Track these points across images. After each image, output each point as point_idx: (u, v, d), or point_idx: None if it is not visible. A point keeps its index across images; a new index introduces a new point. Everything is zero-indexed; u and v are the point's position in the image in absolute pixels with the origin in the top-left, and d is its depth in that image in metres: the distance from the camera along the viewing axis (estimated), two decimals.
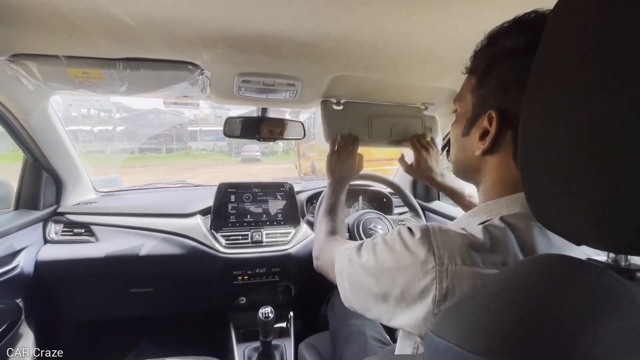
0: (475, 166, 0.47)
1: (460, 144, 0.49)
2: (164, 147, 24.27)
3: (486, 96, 0.43)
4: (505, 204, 0.42)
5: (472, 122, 0.46)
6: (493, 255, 0.37)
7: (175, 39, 0.71)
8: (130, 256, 1.15)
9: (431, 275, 0.36)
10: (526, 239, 0.38)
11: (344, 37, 0.71)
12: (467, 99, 0.47)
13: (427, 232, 0.40)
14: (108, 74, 0.78)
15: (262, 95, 0.98)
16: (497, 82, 0.41)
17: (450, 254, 0.37)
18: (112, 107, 26.56)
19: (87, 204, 1.26)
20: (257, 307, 1.31)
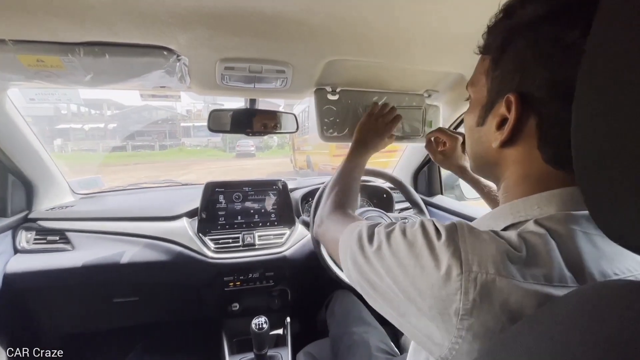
0: (494, 160, 0.41)
1: (475, 135, 0.43)
2: (157, 144, 23.95)
3: (503, 78, 0.37)
4: (535, 204, 0.35)
5: (487, 110, 0.40)
6: (533, 268, 0.30)
7: (144, 20, 0.61)
8: (110, 264, 1.05)
9: (455, 285, 0.30)
10: (570, 248, 0.31)
11: (339, 15, 0.61)
12: (480, 83, 0.41)
13: (453, 233, 0.33)
14: (67, 61, 0.68)
15: (249, 84, 0.88)
16: (516, 60, 0.35)
17: (480, 260, 0.30)
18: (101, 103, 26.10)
19: (62, 209, 1.16)
20: (252, 313, 1.23)
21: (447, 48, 0.75)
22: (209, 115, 1.00)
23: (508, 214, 0.37)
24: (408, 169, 1.52)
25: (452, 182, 1.57)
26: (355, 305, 1.14)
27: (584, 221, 0.33)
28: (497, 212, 0.39)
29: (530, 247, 0.31)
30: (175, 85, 0.86)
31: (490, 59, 0.39)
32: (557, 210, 0.34)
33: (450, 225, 0.34)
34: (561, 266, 0.30)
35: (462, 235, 0.32)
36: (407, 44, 0.73)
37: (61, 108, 24.12)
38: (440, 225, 0.35)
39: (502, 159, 0.39)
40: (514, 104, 0.35)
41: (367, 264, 0.39)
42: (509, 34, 0.36)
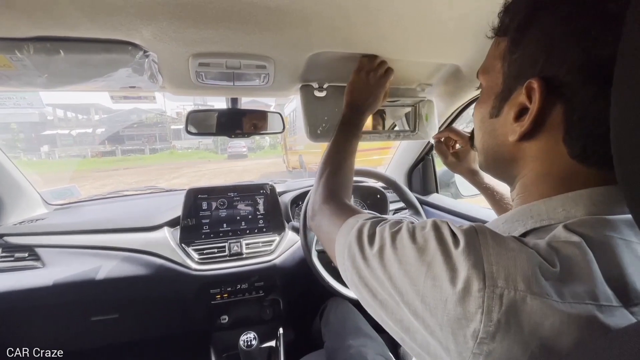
0: (510, 156, 0.35)
1: (488, 127, 0.38)
2: (147, 148, 23.61)
3: (523, 61, 0.32)
4: (560, 205, 0.30)
5: (503, 99, 0.35)
6: (572, 285, 0.24)
7: (99, 9, 0.53)
8: (85, 281, 0.97)
9: (475, 302, 0.25)
10: (610, 259, 0.26)
11: (323, 4, 0.55)
12: (495, 69, 0.36)
13: (473, 239, 0.28)
14: (16, 59, 0.60)
15: (227, 82, 0.81)
16: (540, 40, 0.30)
17: (508, 274, 0.25)
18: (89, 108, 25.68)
19: (32, 222, 1.07)
20: (242, 325, 1.16)
21: (441, 37, 0.68)
22: (186, 118, 0.92)
23: (527, 218, 0.32)
24: (401, 167, 1.46)
25: (447, 179, 1.52)
26: (351, 314, 1.07)
27: (622, 227, 0.28)
28: (514, 215, 0.34)
29: (566, 258, 0.26)
30: (147, 85, 0.79)
31: (508, 40, 0.34)
32: (586, 213, 0.29)
33: (469, 230, 0.28)
34: (602, 281, 0.25)
35: (485, 243, 0.27)
36: (397, 34, 0.67)
37: (47, 114, 23.65)
38: (457, 228, 0.30)
39: (520, 155, 0.34)
40: (538, 90, 0.29)
41: (367, 268, 0.34)
42: (533, 10, 0.31)
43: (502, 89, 0.35)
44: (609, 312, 0.24)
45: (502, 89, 0.35)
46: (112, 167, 15.40)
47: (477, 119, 0.40)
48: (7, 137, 17.30)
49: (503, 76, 0.35)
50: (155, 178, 10.40)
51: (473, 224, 0.30)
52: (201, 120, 0.98)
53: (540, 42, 0.30)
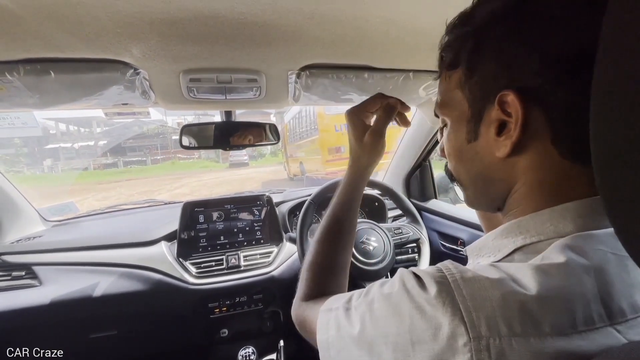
0: (500, 174, 0.34)
1: (469, 154, 0.36)
2: (149, 159, 23.72)
3: (485, 81, 0.32)
4: (548, 220, 0.30)
5: (477, 121, 0.34)
6: (553, 313, 0.23)
7: (86, 30, 0.54)
8: (82, 298, 0.96)
9: (464, 357, 0.23)
10: (604, 277, 0.26)
11: (310, 16, 0.54)
12: (455, 100, 0.36)
13: (445, 285, 0.26)
14: (6, 82, 0.60)
15: (219, 95, 0.81)
16: (496, 56, 0.31)
17: (488, 318, 0.23)
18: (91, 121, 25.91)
19: (29, 240, 1.07)
20: (242, 338, 1.15)
21: (429, 46, 0.68)
22: (180, 132, 0.92)
23: (517, 234, 0.31)
24: (399, 173, 1.46)
25: (445, 184, 1.51)
26: None
27: (611, 240, 0.27)
28: (504, 231, 0.33)
29: (546, 283, 0.24)
30: (139, 101, 0.79)
31: (461, 69, 0.34)
32: (575, 227, 0.28)
33: (437, 273, 0.27)
34: (587, 303, 0.24)
35: (457, 287, 0.25)
36: (387, 43, 0.67)
37: (49, 128, 23.86)
38: (423, 273, 0.28)
39: (510, 170, 0.33)
40: (516, 98, 0.29)
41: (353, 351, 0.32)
42: (480, 33, 0.32)
43: (471, 113, 0.34)
44: (591, 335, 0.23)
45: (471, 113, 0.34)
46: (114, 179, 15.47)
47: (453, 152, 0.38)
48: (10, 152, 17.47)
49: (468, 102, 0.34)
50: (157, 189, 10.42)
51: (439, 265, 0.29)
52: (196, 133, 0.98)
53: (497, 58, 0.31)
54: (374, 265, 0.97)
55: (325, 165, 5.99)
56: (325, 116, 5.88)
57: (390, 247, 1.02)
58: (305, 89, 0.80)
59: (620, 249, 0.27)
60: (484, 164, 0.35)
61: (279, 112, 9.34)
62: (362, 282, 0.97)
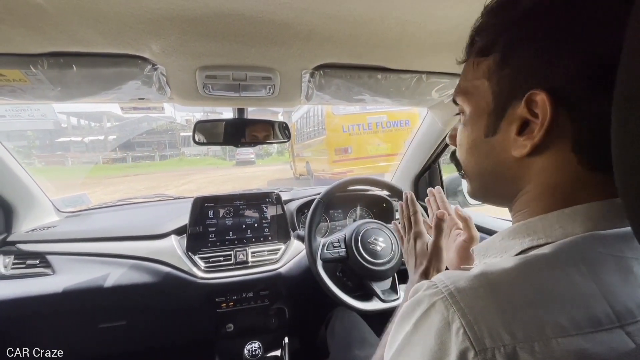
0: (512, 173, 0.33)
1: (484, 148, 0.35)
2: (157, 154, 23.97)
3: (517, 76, 0.30)
4: (556, 222, 0.29)
5: (498, 116, 0.32)
6: (554, 314, 0.23)
7: (110, 26, 0.55)
8: (93, 288, 0.98)
9: None
10: (604, 279, 0.25)
11: (326, 16, 0.55)
12: (480, 89, 0.34)
13: (439, 299, 0.26)
14: (31, 74, 0.62)
15: (233, 93, 0.82)
16: (535, 53, 0.29)
17: (490, 328, 0.23)
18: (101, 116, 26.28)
19: (43, 230, 1.10)
20: (247, 333, 1.16)
21: (443, 47, 0.68)
22: (193, 128, 0.94)
23: (524, 236, 0.31)
24: (408, 175, 1.45)
25: (454, 187, 1.51)
26: (356, 325, 1.06)
27: (615, 242, 0.27)
28: (512, 232, 0.33)
29: (544, 285, 0.25)
30: (155, 96, 0.81)
31: (493, 58, 0.32)
32: (584, 229, 0.28)
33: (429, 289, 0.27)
34: (589, 305, 0.24)
35: (453, 299, 0.25)
36: (402, 45, 0.67)
37: (61, 121, 24.26)
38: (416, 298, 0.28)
39: (523, 170, 0.32)
40: (547, 101, 0.28)
41: None
42: (521, 23, 0.30)
43: (494, 107, 0.33)
44: (599, 337, 0.23)
45: (494, 107, 0.33)
46: (122, 173, 15.66)
47: (466, 142, 0.37)
48: (23, 144, 17.82)
49: (493, 94, 0.33)
50: (165, 184, 10.53)
51: (433, 279, 0.29)
52: (208, 129, 0.99)
53: (536, 52, 0.29)
54: (382, 265, 0.97)
55: (331, 166, 5.98)
56: (333, 116, 5.87)
57: (397, 248, 1.02)
58: (318, 88, 0.81)
59: (624, 251, 0.27)
60: (497, 160, 0.34)
61: (286, 111, 9.36)
62: (370, 281, 0.97)
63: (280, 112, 12.49)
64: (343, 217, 1.36)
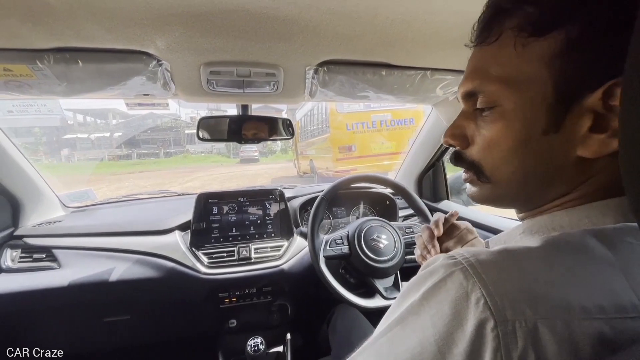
0: (571, 174, 0.29)
1: (536, 148, 0.30)
2: (162, 152, 24.12)
3: (595, 62, 0.26)
4: (585, 216, 0.28)
5: (563, 109, 0.28)
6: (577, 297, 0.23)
7: (115, 21, 0.56)
8: (98, 283, 1.00)
9: (493, 343, 0.22)
10: (632, 269, 0.25)
11: (330, 13, 0.55)
12: (532, 77, 0.28)
13: (459, 269, 0.25)
14: (37, 70, 0.62)
15: (237, 89, 0.82)
16: (618, 35, 0.24)
17: (513, 301, 0.22)
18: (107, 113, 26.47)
19: (50, 224, 1.11)
20: (250, 329, 1.16)
21: (448, 44, 0.68)
22: (197, 124, 0.94)
23: (549, 229, 0.30)
24: (412, 173, 1.45)
25: (458, 186, 1.50)
26: (357, 322, 1.07)
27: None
28: (533, 225, 0.31)
29: (568, 266, 0.24)
30: (160, 92, 0.81)
31: (559, 38, 0.27)
32: (614, 222, 0.27)
33: (450, 261, 0.26)
34: (615, 291, 0.23)
35: (475, 271, 0.24)
36: (405, 41, 0.66)
37: (67, 118, 24.48)
38: (437, 267, 0.27)
39: (583, 171, 0.29)
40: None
41: None
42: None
43: (556, 99, 0.28)
44: (623, 324, 0.22)
45: (556, 99, 0.28)
46: (127, 170, 15.78)
47: (509, 142, 0.31)
48: (30, 141, 18.02)
49: (554, 83, 0.28)
50: (169, 181, 10.60)
51: (456, 252, 0.27)
52: (212, 126, 0.99)
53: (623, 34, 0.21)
54: (384, 262, 0.97)
55: (335, 164, 5.98)
56: (337, 114, 5.86)
57: (400, 245, 1.02)
58: (322, 85, 0.81)
59: None
60: (554, 161, 0.29)
61: (290, 109, 9.36)
62: (372, 279, 0.97)
63: (284, 110, 12.51)
64: (346, 214, 1.36)
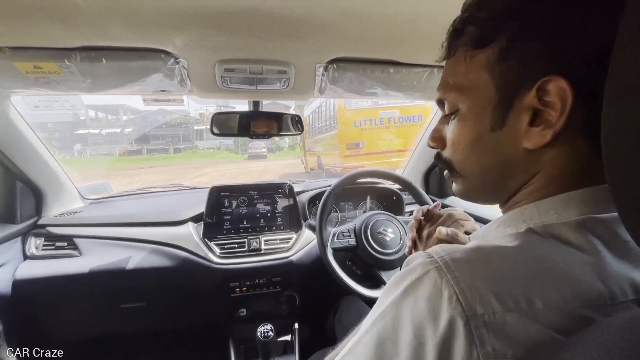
0: (523, 166, 0.32)
1: (489, 143, 0.33)
2: (171, 147, 24.44)
3: (524, 64, 0.29)
4: (552, 208, 0.30)
5: (505, 108, 0.31)
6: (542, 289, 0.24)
7: (138, 22, 0.59)
8: (116, 270, 1.05)
9: (464, 338, 0.24)
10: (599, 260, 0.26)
11: (340, 12, 0.58)
12: (479, 83, 0.32)
13: (434, 267, 0.27)
14: (64, 67, 0.67)
15: (250, 86, 0.85)
16: (543, 39, 0.28)
17: (482, 297, 0.24)
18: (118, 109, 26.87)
19: (71, 214, 1.17)
20: (259, 318, 1.21)
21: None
22: (211, 119, 0.98)
23: (520, 222, 0.31)
24: (419, 169, 1.47)
25: None
26: (363, 313, 1.09)
27: (613, 225, 0.28)
28: (507, 219, 0.33)
29: (536, 260, 0.26)
30: (176, 89, 0.85)
31: (494, 48, 0.31)
32: (578, 214, 0.28)
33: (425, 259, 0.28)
34: (578, 281, 0.25)
35: (447, 267, 0.26)
36: (413, 39, 0.69)
37: (80, 114, 24.94)
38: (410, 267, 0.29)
39: (534, 161, 0.31)
40: (565, 86, 0.27)
41: None
42: (526, 9, 0.29)
43: (499, 99, 0.31)
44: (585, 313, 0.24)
45: (499, 99, 0.31)
46: (138, 165, 16.05)
47: (465, 140, 0.35)
48: (44, 136, 18.42)
49: (496, 86, 0.31)
50: (179, 177, 10.75)
51: (427, 250, 0.29)
52: (224, 121, 1.03)
53: (544, 39, 0.28)
54: (390, 255, 1.00)
55: (343, 160, 5.99)
56: (346, 111, 5.86)
57: (406, 238, 1.05)
58: (331, 82, 0.83)
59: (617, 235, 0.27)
60: (505, 154, 0.33)
61: (298, 105, 9.39)
62: (378, 270, 1.00)
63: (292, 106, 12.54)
64: (354, 208, 1.39)
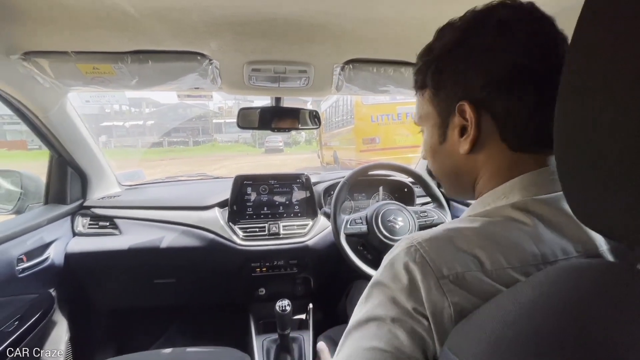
0: (466, 167, 0.43)
1: (442, 152, 0.45)
2: (191, 140, 25.07)
3: (447, 97, 0.41)
4: (502, 194, 0.39)
5: (444, 126, 0.43)
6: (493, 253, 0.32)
7: (181, 28, 0.69)
8: (151, 248, 1.17)
9: (438, 291, 0.31)
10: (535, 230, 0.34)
11: (357, 17, 0.66)
12: (428, 111, 0.45)
13: (412, 247, 0.34)
14: (117, 68, 0.78)
15: (273, 84, 0.95)
16: (453, 79, 0.40)
17: (447, 262, 0.32)
18: (141, 102, 27.67)
19: (111, 198, 1.30)
20: (277, 298, 1.31)
21: None
22: (238, 114, 1.08)
23: (479, 207, 0.41)
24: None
25: None
26: None
27: (554, 203, 0.36)
28: (473, 208, 0.42)
29: (486, 232, 0.34)
30: (208, 86, 0.95)
31: (429, 88, 0.43)
32: (522, 196, 0.37)
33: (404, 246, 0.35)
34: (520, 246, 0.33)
35: (421, 246, 0.34)
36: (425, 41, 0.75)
37: (105, 107, 25.92)
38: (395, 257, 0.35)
39: (473, 163, 0.42)
40: (469, 107, 0.38)
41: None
42: (438, 62, 0.41)
43: (440, 121, 0.43)
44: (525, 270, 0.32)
45: (440, 121, 0.43)
46: (159, 157, 16.58)
47: (429, 152, 0.47)
48: None
49: (437, 112, 0.43)
50: (198, 169, 11.05)
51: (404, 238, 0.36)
52: (248, 116, 1.13)
53: (453, 78, 0.40)
54: None
55: (358, 155, 6.03)
56: (362, 106, 5.88)
57: (415, 227, 1.12)
58: (347, 80, 0.91)
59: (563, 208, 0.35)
60: (453, 160, 0.43)
61: (315, 100, 9.44)
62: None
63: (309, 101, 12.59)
64: (366, 198, 1.47)
